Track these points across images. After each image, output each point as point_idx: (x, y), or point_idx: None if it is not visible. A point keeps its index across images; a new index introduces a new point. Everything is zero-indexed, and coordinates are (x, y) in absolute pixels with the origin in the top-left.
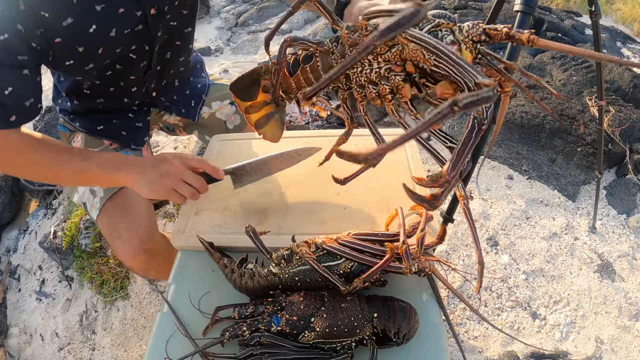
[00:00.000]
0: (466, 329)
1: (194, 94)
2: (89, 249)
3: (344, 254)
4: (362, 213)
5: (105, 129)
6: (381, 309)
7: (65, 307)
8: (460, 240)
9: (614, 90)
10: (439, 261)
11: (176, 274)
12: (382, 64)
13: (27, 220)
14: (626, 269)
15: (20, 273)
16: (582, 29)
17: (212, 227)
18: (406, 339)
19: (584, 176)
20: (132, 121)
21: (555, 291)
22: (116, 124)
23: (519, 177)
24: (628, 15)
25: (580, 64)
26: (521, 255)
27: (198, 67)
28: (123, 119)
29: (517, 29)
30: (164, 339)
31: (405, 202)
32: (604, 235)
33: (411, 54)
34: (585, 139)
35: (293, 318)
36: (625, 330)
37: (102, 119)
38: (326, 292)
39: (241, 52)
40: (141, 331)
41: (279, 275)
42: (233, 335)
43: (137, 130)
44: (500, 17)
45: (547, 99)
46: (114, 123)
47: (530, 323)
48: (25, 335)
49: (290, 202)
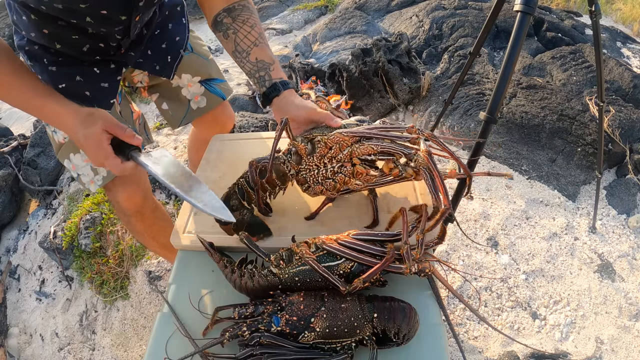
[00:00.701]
0: (466, 329)
1: (170, 49)
2: (89, 249)
3: (344, 254)
4: (362, 213)
5: (67, 87)
6: (381, 309)
7: (65, 307)
8: (460, 240)
9: (614, 90)
10: (439, 261)
11: (176, 274)
12: (335, 164)
13: (27, 220)
14: (626, 269)
15: (20, 273)
16: (582, 29)
17: (212, 227)
18: (406, 339)
19: (584, 176)
20: (97, 79)
21: (555, 291)
22: (79, 82)
23: (519, 177)
24: (628, 15)
25: (581, 64)
26: (521, 255)
27: (178, 9)
28: (87, 75)
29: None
30: (164, 339)
31: (405, 203)
32: (604, 235)
33: (359, 151)
34: (585, 139)
35: (293, 318)
36: (625, 330)
37: (63, 73)
38: (326, 292)
39: None
40: (141, 331)
41: (278, 275)
42: (233, 336)
43: (103, 91)
44: (500, 17)
45: (547, 99)
46: (78, 81)
47: (530, 323)
48: (25, 335)
49: (290, 202)
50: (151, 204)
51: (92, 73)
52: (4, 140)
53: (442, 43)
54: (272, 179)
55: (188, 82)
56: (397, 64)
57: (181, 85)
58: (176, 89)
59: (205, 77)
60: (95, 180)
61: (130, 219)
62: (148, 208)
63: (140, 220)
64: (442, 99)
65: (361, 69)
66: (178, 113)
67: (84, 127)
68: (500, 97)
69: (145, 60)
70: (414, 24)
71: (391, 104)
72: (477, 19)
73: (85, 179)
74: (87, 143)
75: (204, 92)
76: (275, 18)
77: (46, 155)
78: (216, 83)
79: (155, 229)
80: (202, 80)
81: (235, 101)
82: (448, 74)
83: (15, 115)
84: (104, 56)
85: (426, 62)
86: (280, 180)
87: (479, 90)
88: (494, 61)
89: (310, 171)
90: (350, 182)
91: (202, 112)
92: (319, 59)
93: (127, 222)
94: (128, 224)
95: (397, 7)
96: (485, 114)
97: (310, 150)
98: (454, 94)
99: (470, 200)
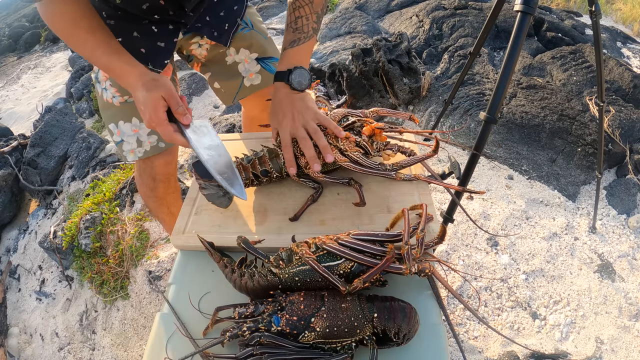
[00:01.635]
0: (466, 329)
1: (228, 17)
2: (89, 249)
3: (343, 255)
4: (362, 213)
5: (123, 41)
6: (381, 309)
7: (65, 307)
8: (460, 240)
9: (614, 90)
10: (439, 261)
11: (176, 274)
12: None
13: (27, 220)
14: (626, 269)
15: (20, 273)
16: (582, 29)
17: (212, 227)
18: (406, 339)
19: (584, 176)
20: (154, 38)
21: (555, 291)
22: (136, 38)
23: (519, 177)
24: (628, 15)
25: (581, 64)
26: (521, 255)
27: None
28: (145, 32)
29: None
30: (164, 339)
31: (404, 203)
32: (604, 236)
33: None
34: (586, 139)
35: (293, 318)
36: (625, 330)
37: (121, 27)
38: (326, 292)
39: None
40: (141, 331)
41: (279, 275)
42: (233, 336)
43: (158, 51)
44: (500, 17)
45: (547, 99)
46: (135, 37)
47: (530, 323)
48: (25, 335)
49: (290, 202)
50: (176, 172)
51: (149, 31)
52: (4, 140)
53: (442, 43)
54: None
55: (245, 57)
56: (397, 64)
57: (237, 60)
58: (232, 65)
59: (263, 54)
60: (137, 152)
61: (159, 184)
62: (173, 176)
63: (166, 186)
64: (442, 99)
65: (361, 69)
66: (231, 90)
67: (146, 89)
68: (500, 97)
69: (203, 25)
70: (414, 24)
71: (391, 104)
72: (477, 19)
73: (126, 147)
74: (145, 105)
75: (260, 70)
76: (275, 18)
77: (46, 155)
78: (272, 62)
79: (173, 197)
80: (259, 58)
81: None
82: (448, 74)
83: (15, 115)
84: (163, 15)
85: (426, 62)
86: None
87: (479, 90)
88: (494, 61)
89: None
90: (311, 170)
91: (256, 89)
92: (319, 59)
93: (152, 189)
94: (153, 189)
95: (397, 7)
96: (485, 114)
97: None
98: (454, 94)
99: (470, 200)
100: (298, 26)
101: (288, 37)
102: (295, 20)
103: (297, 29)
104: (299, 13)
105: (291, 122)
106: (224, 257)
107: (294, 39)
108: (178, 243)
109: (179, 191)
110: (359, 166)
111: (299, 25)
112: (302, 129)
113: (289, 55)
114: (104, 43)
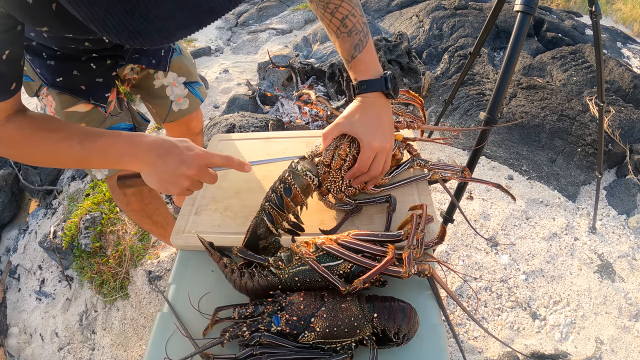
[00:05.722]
0: (466, 329)
1: None
2: (89, 249)
3: (342, 256)
4: (362, 213)
5: (64, 80)
6: (381, 309)
7: (65, 307)
8: (460, 240)
9: (614, 90)
10: (438, 262)
11: (176, 274)
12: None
13: (27, 220)
14: (626, 270)
15: (20, 273)
16: (582, 29)
17: (212, 227)
18: (406, 339)
19: (584, 176)
20: (93, 74)
21: (555, 291)
22: (76, 76)
23: (519, 177)
24: (628, 16)
25: (581, 64)
26: (521, 255)
27: None
28: (84, 70)
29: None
30: (164, 339)
31: (404, 203)
32: (604, 236)
33: None
34: (586, 139)
35: (293, 318)
36: (625, 330)
37: (61, 67)
38: (326, 292)
39: (241, 51)
40: (141, 331)
41: (278, 275)
42: (233, 336)
43: (97, 86)
44: (501, 17)
45: (547, 99)
46: (74, 75)
47: (530, 323)
48: (25, 335)
49: None
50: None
51: (88, 68)
52: None
53: (442, 43)
54: (297, 194)
55: (173, 80)
56: (397, 64)
57: (165, 84)
58: (160, 89)
59: (189, 79)
60: (102, 170)
61: (131, 198)
62: (146, 188)
63: (139, 200)
64: (442, 99)
65: None
66: (161, 111)
67: (177, 164)
68: (501, 97)
69: (141, 55)
70: (414, 24)
71: None
72: (477, 19)
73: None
74: (185, 173)
75: (187, 94)
76: (275, 18)
77: None
78: (197, 86)
79: (151, 207)
80: (187, 82)
81: (235, 101)
82: (448, 74)
83: None
84: (101, 52)
85: (426, 62)
86: (304, 193)
87: (479, 90)
88: (494, 61)
89: (335, 182)
90: (367, 187)
91: (184, 115)
92: (319, 59)
93: (126, 203)
94: (127, 204)
95: (397, 7)
96: (485, 114)
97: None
98: (454, 94)
99: (470, 200)
100: (349, 27)
101: (346, 44)
102: (342, 22)
103: (351, 31)
104: (342, 13)
105: (382, 136)
106: (224, 257)
107: (355, 42)
108: (178, 243)
109: (159, 199)
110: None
111: (350, 26)
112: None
113: (363, 62)
114: (77, 140)
